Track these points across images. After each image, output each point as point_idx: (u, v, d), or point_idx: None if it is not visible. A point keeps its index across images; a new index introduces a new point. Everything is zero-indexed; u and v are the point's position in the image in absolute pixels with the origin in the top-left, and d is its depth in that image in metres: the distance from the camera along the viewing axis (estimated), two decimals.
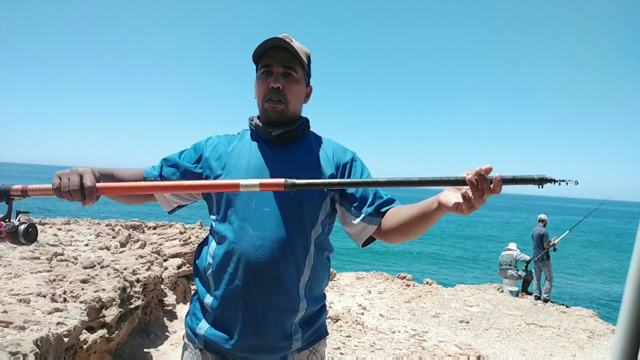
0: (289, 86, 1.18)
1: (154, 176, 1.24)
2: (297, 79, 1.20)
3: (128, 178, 1.18)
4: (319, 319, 1.25)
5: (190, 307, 1.26)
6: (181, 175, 1.24)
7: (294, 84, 1.19)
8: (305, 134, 1.27)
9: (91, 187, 0.93)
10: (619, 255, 22.74)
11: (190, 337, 1.22)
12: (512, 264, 7.93)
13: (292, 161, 1.20)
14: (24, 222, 0.99)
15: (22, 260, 2.85)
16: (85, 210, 26.67)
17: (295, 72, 1.19)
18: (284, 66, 1.17)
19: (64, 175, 0.95)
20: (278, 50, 1.16)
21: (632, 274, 0.53)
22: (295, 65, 1.18)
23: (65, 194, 0.94)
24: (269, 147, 1.22)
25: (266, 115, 1.20)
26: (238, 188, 0.93)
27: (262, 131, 1.22)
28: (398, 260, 17.54)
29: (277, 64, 1.17)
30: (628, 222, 59.66)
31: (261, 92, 1.19)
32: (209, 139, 1.30)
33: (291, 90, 1.18)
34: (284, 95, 1.17)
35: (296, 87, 1.20)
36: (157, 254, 4.36)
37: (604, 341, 5.24)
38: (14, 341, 1.62)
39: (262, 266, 1.10)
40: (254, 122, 1.26)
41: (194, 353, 1.20)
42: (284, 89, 1.17)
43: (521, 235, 23.55)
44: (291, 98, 1.19)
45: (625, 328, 0.53)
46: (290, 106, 1.19)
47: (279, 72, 1.17)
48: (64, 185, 0.94)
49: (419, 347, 4.37)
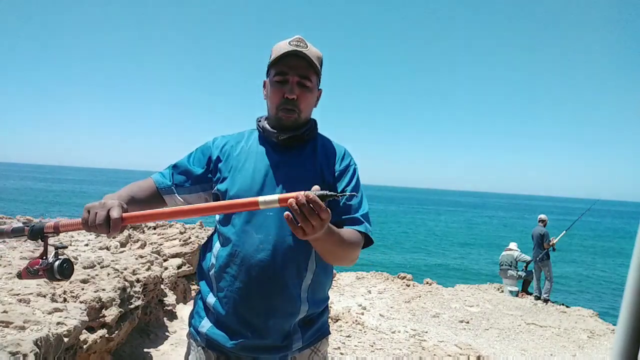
0: (303, 96, 1.19)
1: (167, 185, 1.25)
2: (311, 88, 1.20)
3: (144, 195, 1.20)
4: (320, 319, 1.26)
5: (194, 304, 1.28)
6: (192, 182, 1.25)
7: (308, 93, 1.20)
8: (312, 137, 1.27)
9: (117, 220, 0.96)
10: (619, 254, 22.74)
11: (193, 335, 1.24)
12: (512, 264, 7.93)
13: (295, 166, 1.20)
14: (59, 258, 1.03)
15: (22, 260, 2.84)
16: None
17: (310, 81, 1.19)
18: (300, 75, 1.17)
19: (93, 209, 0.99)
20: (294, 59, 1.16)
21: (632, 274, 0.53)
22: (310, 74, 1.19)
23: (92, 228, 0.98)
24: (275, 150, 1.22)
25: (279, 122, 1.21)
26: (257, 206, 0.93)
27: (269, 134, 1.23)
28: (398, 260, 17.54)
29: (293, 73, 1.16)
30: (623, 221, 59.67)
31: (275, 100, 1.19)
32: (215, 140, 1.30)
33: (305, 99, 1.19)
34: (298, 105, 1.18)
35: (310, 96, 1.21)
36: (157, 254, 4.36)
37: (604, 341, 5.24)
38: (14, 341, 1.62)
39: (264, 269, 1.12)
40: (261, 123, 1.26)
41: (197, 351, 1.22)
42: (298, 99, 1.18)
43: (521, 235, 23.58)
44: (304, 107, 1.20)
45: (625, 328, 0.53)
46: (302, 115, 1.21)
47: (294, 82, 1.17)
48: (91, 220, 0.97)
49: (419, 347, 4.37)
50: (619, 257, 21.77)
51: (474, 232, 31.68)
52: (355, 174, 1.26)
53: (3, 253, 3.01)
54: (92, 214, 0.98)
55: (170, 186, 1.25)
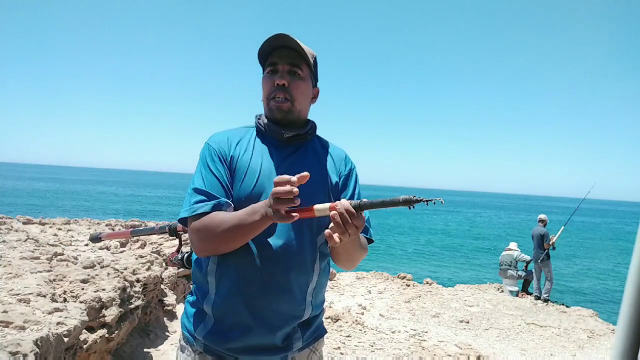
0: (294, 83, 1.15)
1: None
2: (303, 77, 1.17)
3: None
4: (318, 318, 1.26)
5: (186, 309, 1.22)
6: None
7: (299, 81, 1.16)
8: (312, 137, 1.26)
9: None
10: (618, 254, 22.74)
11: (188, 339, 1.19)
12: (512, 264, 7.93)
13: (301, 166, 1.16)
14: (187, 252, 1.39)
15: (22, 260, 2.85)
16: (85, 210, 26.70)
17: (301, 70, 1.16)
18: (290, 64, 1.15)
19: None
20: (284, 49, 1.14)
21: (632, 274, 0.53)
22: (302, 63, 1.16)
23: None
24: (278, 149, 1.19)
25: (272, 113, 1.17)
26: (313, 213, 0.97)
27: (272, 132, 1.18)
28: (398, 260, 17.54)
29: (283, 62, 1.15)
30: (624, 221, 59.65)
31: (266, 90, 1.17)
32: (218, 140, 1.19)
33: (297, 87, 1.15)
34: (290, 92, 1.14)
35: (302, 84, 1.17)
36: (157, 254, 4.36)
37: (604, 341, 5.24)
38: (14, 341, 1.62)
39: (272, 274, 1.09)
40: (262, 121, 1.21)
41: (192, 357, 1.16)
42: (289, 86, 1.14)
43: (521, 235, 23.56)
44: (297, 96, 1.16)
45: (625, 328, 0.53)
46: (296, 104, 1.16)
47: (285, 70, 1.15)
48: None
49: (419, 347, 4.37)
50: (619, 257, 21.77)
51: (475, 232, 31.68)
52: (357, 177, 1.28)
53: (3, 253, 3.01)
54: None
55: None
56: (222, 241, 1.05)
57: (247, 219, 1.01)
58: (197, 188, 1.10)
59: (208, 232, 1.05)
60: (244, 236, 1.04)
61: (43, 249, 3.41)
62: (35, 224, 5.69)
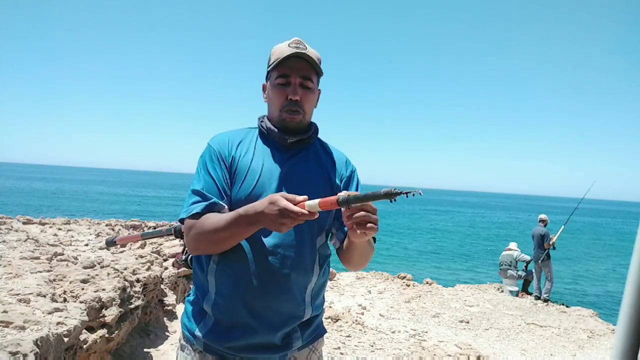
0: (306, 97, 1.18)
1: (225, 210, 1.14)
2: (313, 89, 1.21)
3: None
4: (318, 318, 1.27)
5: (186, 308, 1.23)
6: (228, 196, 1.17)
7: (310, 94, 1.20)
8: (314, 141, 1.27)
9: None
10: (618, 254, 22.73)
11: (188, 338, 1.20)
12: (512, 264, 7.93)
13: (304, 168, 1.20)
14: (188, 254, 1.54)
15: (22, 260, 2.85)
16: (86, 210, 26.70)
17: (312, 81, 1.19)
18: (302, 77, 1.17)
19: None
20: (295, 60, 1.16)
21: (632, 274, 0.53)
22: (312, 75, 1.19)
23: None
24: (280, 151, 1.21)
25: (284, 124, 1.19)
26: (305, 209, 0.96)
27: (276, 137, 1.21)
28: (398, 260, 17.54)
29: (295, 74, 1.16)
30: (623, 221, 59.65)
31: (278, 102, 1.18)
32: (219, 141, 1.21)
33: (308, 100, 1.19)
34: (302, 106, 1.18)
35: (312, 95, 1.21)
36: (157, 254, 4.36)
37: (604, 341, 5.24)
38: (14, 341, 1.62)
39: (272, 275, 1.10)
40: (265, 124, 1.23)
41: (192, 356, 1.18)
42: (301, 100, 1.17)
43: (521, 235, 23.56)
44: (307, 108, 1.20)
45: (625, 328, 0.53)
46: (307, 116, 1.21)
47: (297, 83, 1.17)
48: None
49: (419, 347, 4.37)
50: (619, 257, 21.77)
51: (475, 232, 31.67)
52: (358, 179, 1.30)
53: (3, 253, 3.01)
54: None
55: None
56: (211, 242, 1.08)
57: (236, 222, 1.03)
58: (194, 189, 1.14)
59: (199, 233, 1.09)
60: (231, 239, 1.07)
61: (43, 249, 3.41)
62: (35, 224, 5.70)
